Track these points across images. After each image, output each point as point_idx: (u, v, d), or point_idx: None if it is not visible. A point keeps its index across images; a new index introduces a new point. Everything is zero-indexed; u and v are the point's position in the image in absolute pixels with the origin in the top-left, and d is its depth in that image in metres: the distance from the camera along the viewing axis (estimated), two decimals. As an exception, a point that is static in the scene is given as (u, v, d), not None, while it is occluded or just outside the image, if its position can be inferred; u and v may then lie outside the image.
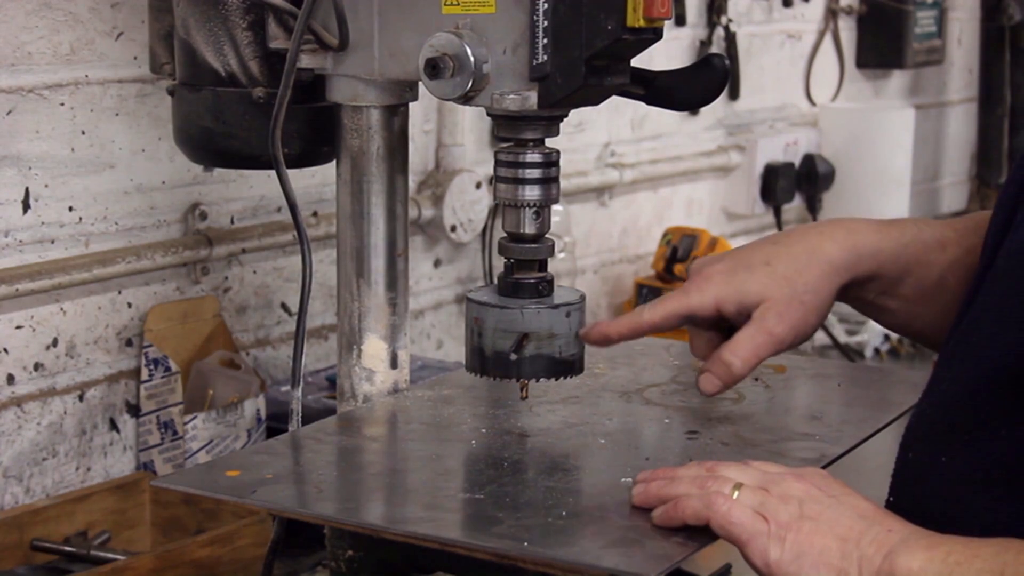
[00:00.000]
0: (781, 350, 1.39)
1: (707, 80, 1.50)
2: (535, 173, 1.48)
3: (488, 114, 1.49)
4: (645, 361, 1.73)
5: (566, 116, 1.49)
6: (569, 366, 1.50)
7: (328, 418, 1.56)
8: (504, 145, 1.49)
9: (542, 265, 1.51)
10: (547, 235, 1.51)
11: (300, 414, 1.56)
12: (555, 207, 1.69)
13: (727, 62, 1.48)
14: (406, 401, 1.59)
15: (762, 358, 1.39)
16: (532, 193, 1.48)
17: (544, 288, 1.49)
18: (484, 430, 1.49)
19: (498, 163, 1.49)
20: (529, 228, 1.49)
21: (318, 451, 1.45)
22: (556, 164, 1.49)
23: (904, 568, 1.11)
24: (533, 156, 1.47)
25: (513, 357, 1.47)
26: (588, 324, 1.50)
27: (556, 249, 1.57)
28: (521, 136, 1.47)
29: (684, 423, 1.52)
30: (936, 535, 1.14)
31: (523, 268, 1.50)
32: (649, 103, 1.54)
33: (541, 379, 1.50)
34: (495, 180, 1.50)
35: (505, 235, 1.51)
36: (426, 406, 1.57)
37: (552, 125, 1.48)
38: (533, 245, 1.49)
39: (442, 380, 1.69)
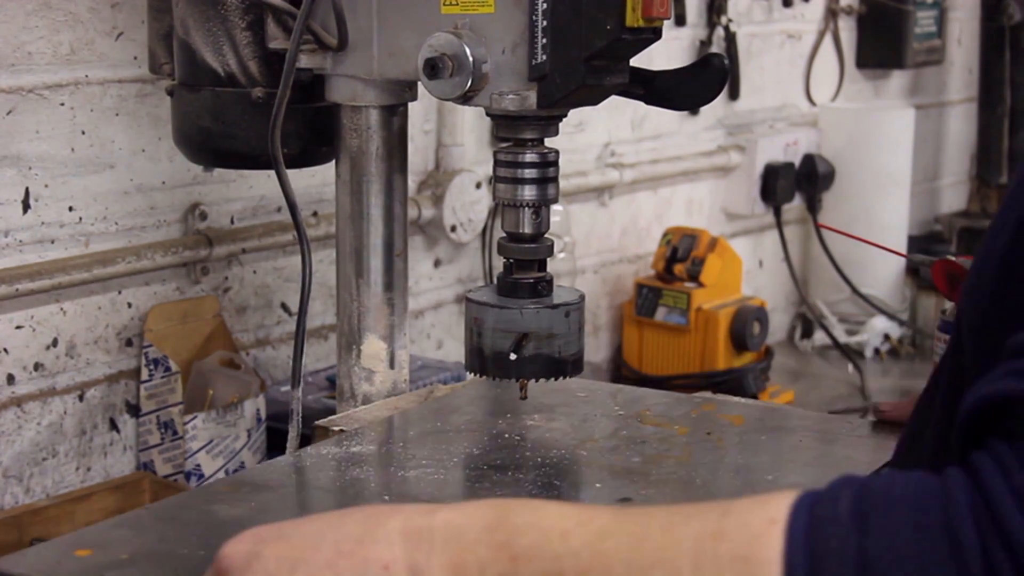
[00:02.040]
0: None
1: (707, 80, 1.50)
2: (534, 173, 1.48)
3: (487, 114, 1.49)
4: (587, 410, 1.60)
5: (565, 116, 1.49)
6: (568, 366, 1.50)
7: (220, 479, 1.39)
8: (503, 145, 1.49)
9: (541, 265, 1.51)
10: (546, 235, 1.51)
11: (300, 414, 1.56)
12: (555, 207, 1.69)
13: (726, 62, 1.48)
14: (308, 460, 1.43)
15: None
16: (531, 193, 1.48)
17: (543, 288, 1.50)
18: (387, 496, 1.34)
19: (497, 163, 1.49)
20: (528, 228, 1.49)
21: (187, 523, 1.27)
22: (555, 164, 1.49)
23: None
24: (532, 156, 1.47)
25: (512, 357, 1.47)
26: None
27: (556, 249, 1.57)
28: (520, 136, 1.47)
29: (617, 488, 1.37)
30: (450, 519, 0.96)
31: (522, 268, 1.50)
32: (648, 103, 1.54)
33: (540, 379, 1.50)
34: (494, 180, 1.51)
35: (504, 235, 1.51)
36: (330, 465, 1.42)
37: (551, 125, 1.48)
38: (532, 245, 1.50)
39: (359, 432, 1.52)
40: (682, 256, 2.77)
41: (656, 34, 1.42)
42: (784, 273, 3.28)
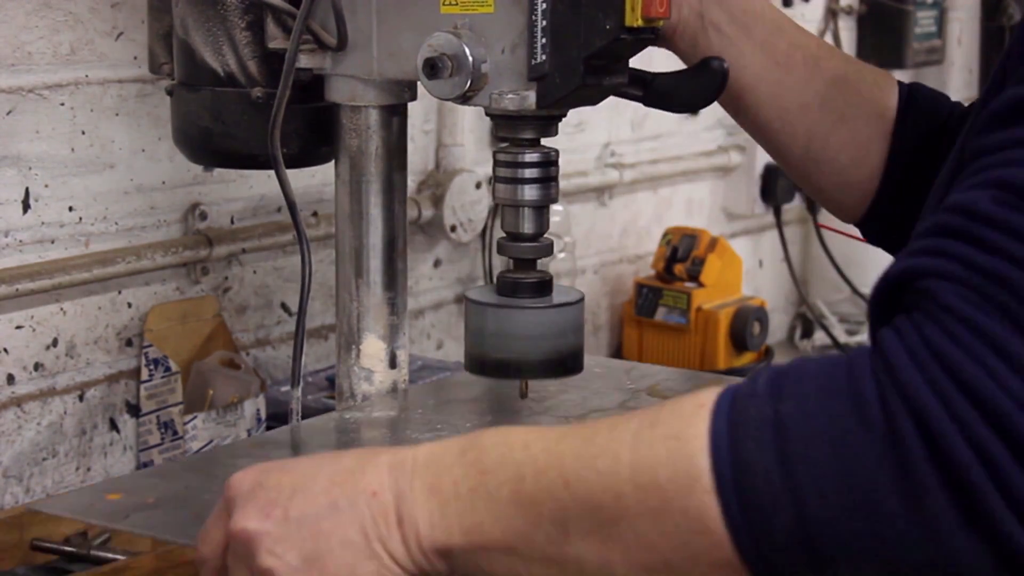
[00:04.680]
0: None
1: (705, 83, 1.50)
2: (533, 173, 1.48)
3: (487, 113, 1.49)
4: (599, 384, 1.66)
5: (564, 116, 1.49)
6: (569, 365, 1.50)
7: (244, 439, 1.51)
8: (503, 145, 1.49)
9: (541, 265, 1.51)
10: (546, 235, 1.51)
11: (300, 414, 1.56)
12: (555, 207, 1.69)
13: (726, 65, 1.48)
14: (331, 422, 1.52)
15: None
16: (531, 193, 1.48)
17: (543, 287, 1.50)
18: None
19: (496, 163, 1.49)
20: (528, 228, 1.49)
21: (212, 474, 1.37)
22: (555, 164, 1.50)
23: (422, 526, 1.05)
24: (531, 156, 1.47)
25: (513, 353, 1.48)
26: None
27: (556, 249, 1.57)
28: (519, 136, 1.47)
29: None
30: (431, 450, 1.07)
31: (522, 267, 1.50)
32: (647, 105, 1.54)
33: (540, 379, 1.51)
34: (494, 180, 1.51)
35: (504, 235, 1.51)
36: (351, 428, 1.51)
37: (550, 125, 1.48)
38: (532, 244, 1.50)
39: (380, 400, 1.59)
40: (682, 256, 2.77)
41: (655, 34, 1.42)
42: (784, 273, 3.28)
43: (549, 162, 1.49)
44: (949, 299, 0.94)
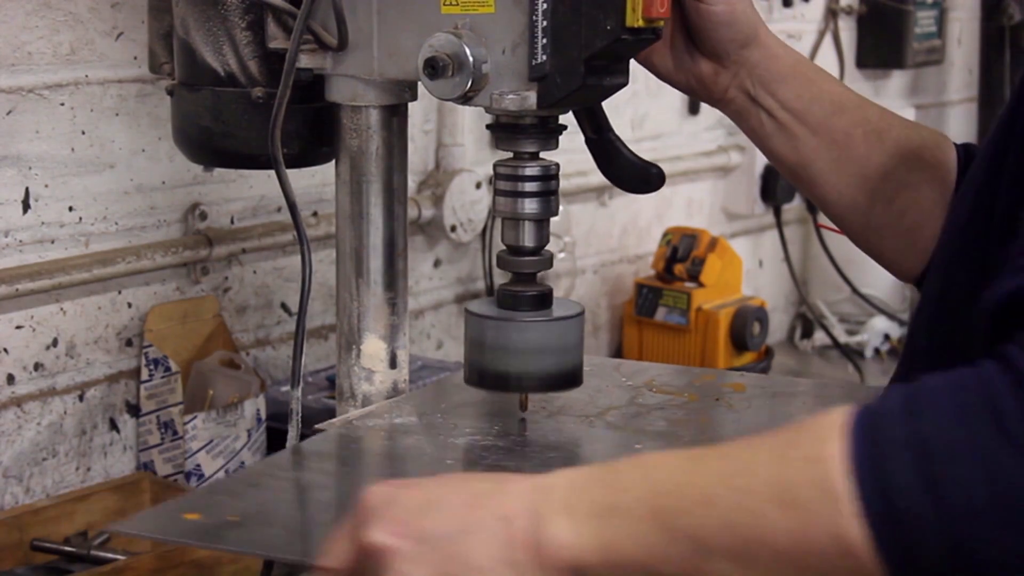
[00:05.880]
0: None
1: (638, 183, 1.53)
2: (534, 187, 1.48)
3: (487, 126, 1.50)
4: (597, 382, 1.64)
5: (565, 128, 1.49)
6: (568, 378, 1.50)
7: (281, 452, 1.50)
8: (503, 158, 1.49)
9: (541, 278, 1.51)
10: (546, 247, 1.52)
11: (300, 414, 1.56)
12: (554, 207, 1.69)
13: (663, 179, 1.52)
14: (359, 431, 1.52)
15: None
16: (531, 207, 1.48)
17: (543, 301, 1.50)
18: (450, 461, 1.43)
19: (497, 176, 1.49)
20: (528, 241, 1.49)
21: (276, 489, 1.39)
22: (555, 177, 1.50)
23: (557, 545, 1.04)
24: (532, 170, 1.47)
25: (513, 367, 1.47)
26: None
27: (556, 249, 1.57)
28: (520, 149, 1.47)
29: (657, 448, 1.45)
30: (567, 474, 1.07)
31: (522, 281, 1.50)
32: (589, 147, 1.54)
33: (540, 393, 1.51)
34: (494, 193, 1.51)
35: (504, 248, 1.51)
36: (379, 437, 1.51)
37: (550, 138, 1.48)
38: (532, 258, 1.50)
39: (398, 404, 1.59)
40: (682, 256, 2.77)
41: (656, 34, 1.42)
42: (784, 273, 3.28)
43: (549, 176, 1.49)
44: None
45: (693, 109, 3.01)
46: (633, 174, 1.54)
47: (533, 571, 1.04)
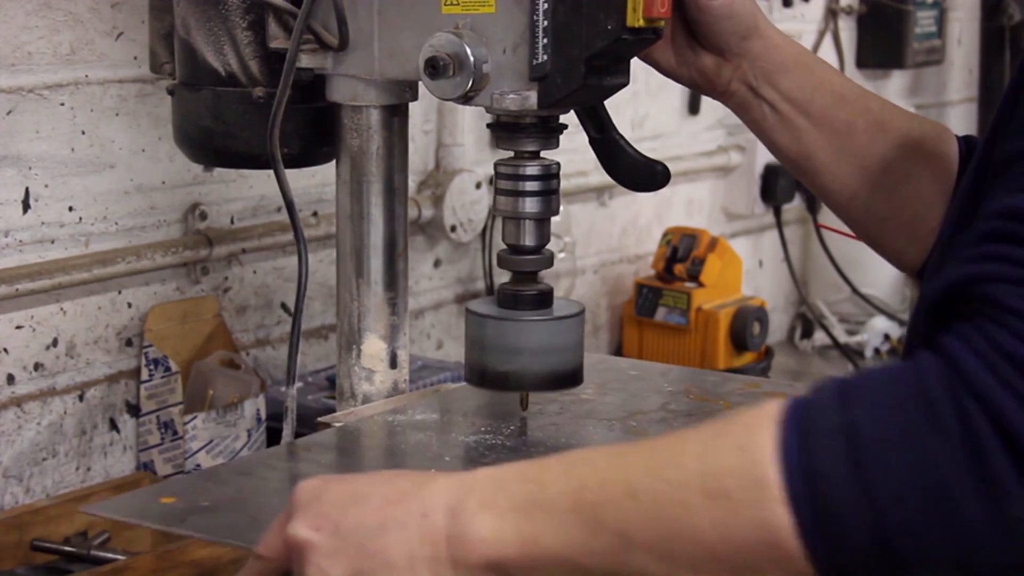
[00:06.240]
0: None
1: (644, 180, 1.57)
2: (535, 186, 1.48)
3: (488, 125, 1.50)
4: (638, 386, 1.67)
5: (566, 128, 1.49)
6: (569, 378, 1.50)
7: (289, 443, 1.52)
8: (504, 158, 1.50)
9: (541, 277, 1.51)
10: (546, 247, 1.52)
11: (295, 412, 1.56)
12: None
13: (669, 175, 1.56)
14: (368, 424, 1.53)
15: None
16: (531, 206, 1.48)
17: (543, 300, 1.50)
18: (448, 458, 1.43)
19: (498, 175, 1.49)
20: (528, 240, 1.49)
21: (264, 478, 1.40)
22: (556, 176, 1.50)
23: (476, 540, 1.02)
24: (532, 169, 1.47)
25: (513, 366, 1.47)
26: None
27: (556, 249, 1.57)
28: (520, 148, 1.47)
29: None
30: (489, 471, 1.07)
31: (523, 280, 1.50)
32: (592, 147, 1.55)
33: (540, 392, 1.51)
34: (495, 192, 1.51)
35: (505, 247, 1.51)
36: (379, 433, 1.51)
37: (551, 137, 1.48)
38: (533, 257, 1.50)
39: (407, 401, 1.61)
40: (682, 256, 2.77)
41: (657, 34, 1.42)
42: (784, 273, 3.28)
43: (550, 175, 1.49)
44: (1011, 301, 0.94)
45: (693, 109, 3.01)
46: (638, 172, 1.54)
47: (451, 567, 1.03)
